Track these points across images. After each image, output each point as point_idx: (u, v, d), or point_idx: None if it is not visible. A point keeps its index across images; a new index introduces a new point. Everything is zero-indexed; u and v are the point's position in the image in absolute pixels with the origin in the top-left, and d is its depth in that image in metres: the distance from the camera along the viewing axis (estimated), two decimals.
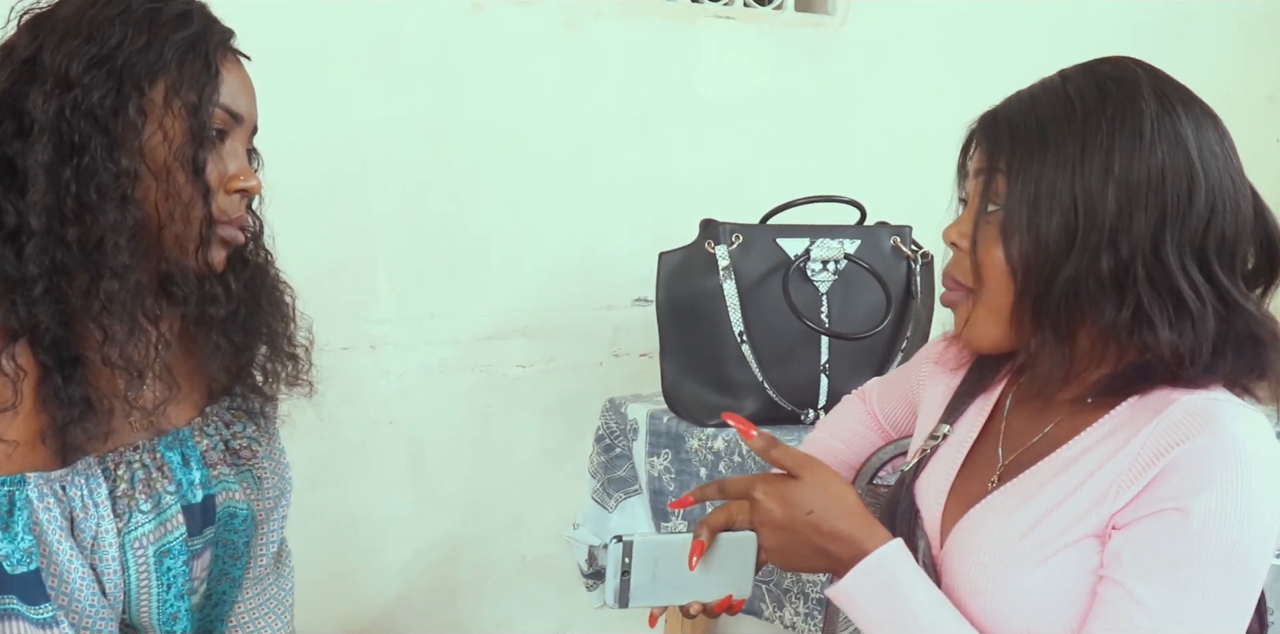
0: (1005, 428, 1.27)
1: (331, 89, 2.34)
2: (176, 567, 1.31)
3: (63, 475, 1.21)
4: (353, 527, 2.50)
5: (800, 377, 2.18)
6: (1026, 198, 1.11)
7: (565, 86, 2.58)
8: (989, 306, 1.17)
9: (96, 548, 1.24)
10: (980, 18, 3.09)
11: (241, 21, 2.19)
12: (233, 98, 1.26)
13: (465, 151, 2.49)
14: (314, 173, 2.34)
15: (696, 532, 1.26)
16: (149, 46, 1.20)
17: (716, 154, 2.78)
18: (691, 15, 2.72)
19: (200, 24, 1.25)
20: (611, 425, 2.41)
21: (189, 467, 1.33)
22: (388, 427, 2.51)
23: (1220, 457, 1.05)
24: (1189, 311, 1.09)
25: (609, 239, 2.66)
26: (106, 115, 1.18)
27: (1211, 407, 1.09)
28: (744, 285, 2.13)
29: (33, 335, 1.18)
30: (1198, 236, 1.10)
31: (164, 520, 1.29)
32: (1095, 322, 1.12)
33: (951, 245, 1.21)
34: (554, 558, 2.71)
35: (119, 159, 1.19)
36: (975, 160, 1.20)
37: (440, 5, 2.42)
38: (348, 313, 2.42)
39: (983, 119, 1.20)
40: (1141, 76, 1.14)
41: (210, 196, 1.23)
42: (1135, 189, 1.08)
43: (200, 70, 1.23)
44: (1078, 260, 1.09)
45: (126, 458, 1.27)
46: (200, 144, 1.22)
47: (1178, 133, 1.10)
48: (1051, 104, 1.14)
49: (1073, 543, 1.11)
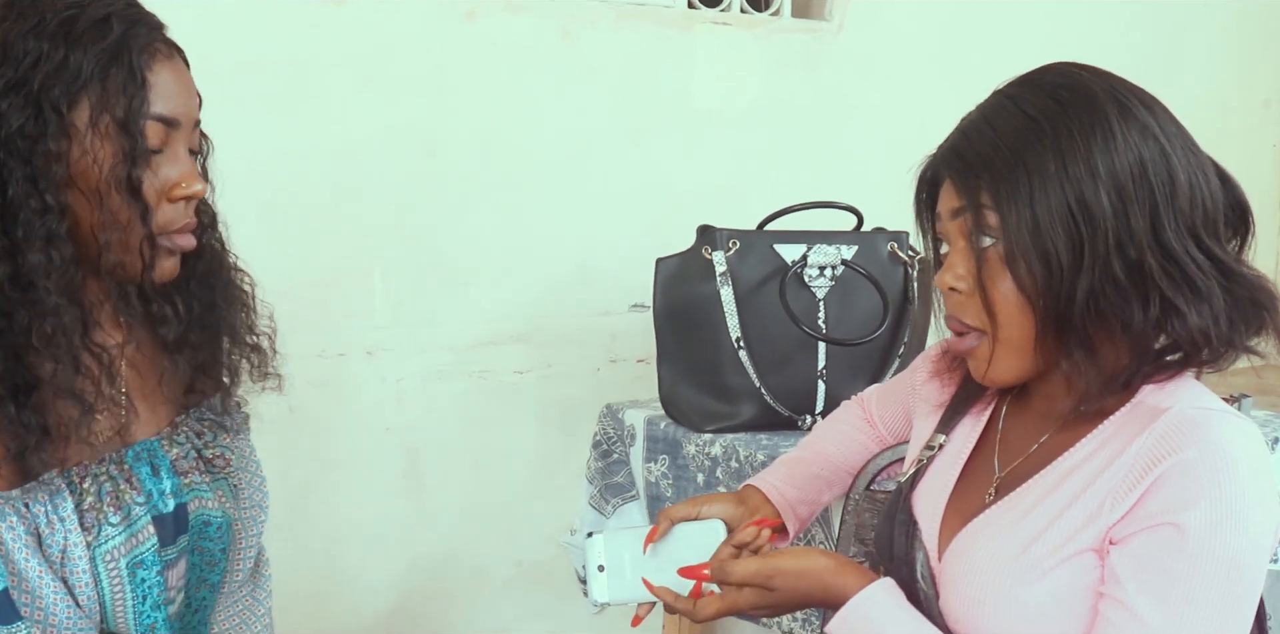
0: (1001, 439, 1.27)
1: (327, 98, 2.34)
2: (151, 577, 1.27)
3: (24, 492, 1.17)
4: (350, 532, 2.50)
5: (797, 382, 2.18)
6: (1025, 223, 1.10)
7: (561, 94, 2.59)
8: (1009, 342, 1.15)
9: (66, 562, 1.20)
10: (977, 24, 3.10)
11: (236, 32, 2.21)
12: (166, 103, 1.18)
13: (461, 159, 2.50)
14: (310, 181, 2.35)
15: (658, 520, 1.36)
16: (66, 63, 1.11)
17: (713, 161, 2.78)
18: (687, 22, 2.73)
19: (121, 27, 1.15)
20: (609, 431, 2.41)
21: (159, 476, 1.29)
22: (384, 433, 2.51)
23: (1209, 469, 1.05)
24: (1200, 291, 1.10)
25: (605, 246, 2.66)
26: (26, 145, 1.11)
27: (1201, 417, 1.09)
28: (741, 291, 2.13)
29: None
30: (1187, 215, 1.10)
31: (135, 532, 1.26)
32: (1124, 327, 1.11)
33: (950, 291, 1.18)
34: (551, 564, 2.72)
35: (43, 193, 1.12)
36: (947, 201, 1.17)
37: (435, 14, 2.43)
38: (344, 320, 2.42)
39: (944, 160, 1.18)
40: (1088, 78, 1.14)
41: (149, 216, 1.17)
42: (1123, 185, 1.09)
43: (125, 81, 1.14)
44: (1091, 271, 1.09)
45: (92, 471, 1.23)
46: (133, 162, 1.14)
47: (1142, 122, 1.11)
48: (1015, 127, 1.12)
49: (1070, 557, 1.11)
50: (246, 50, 2.24)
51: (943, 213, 1.18)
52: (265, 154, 2.29)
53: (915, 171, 1.24)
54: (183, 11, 2.15)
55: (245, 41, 2.24)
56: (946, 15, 3.06)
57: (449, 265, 2.52)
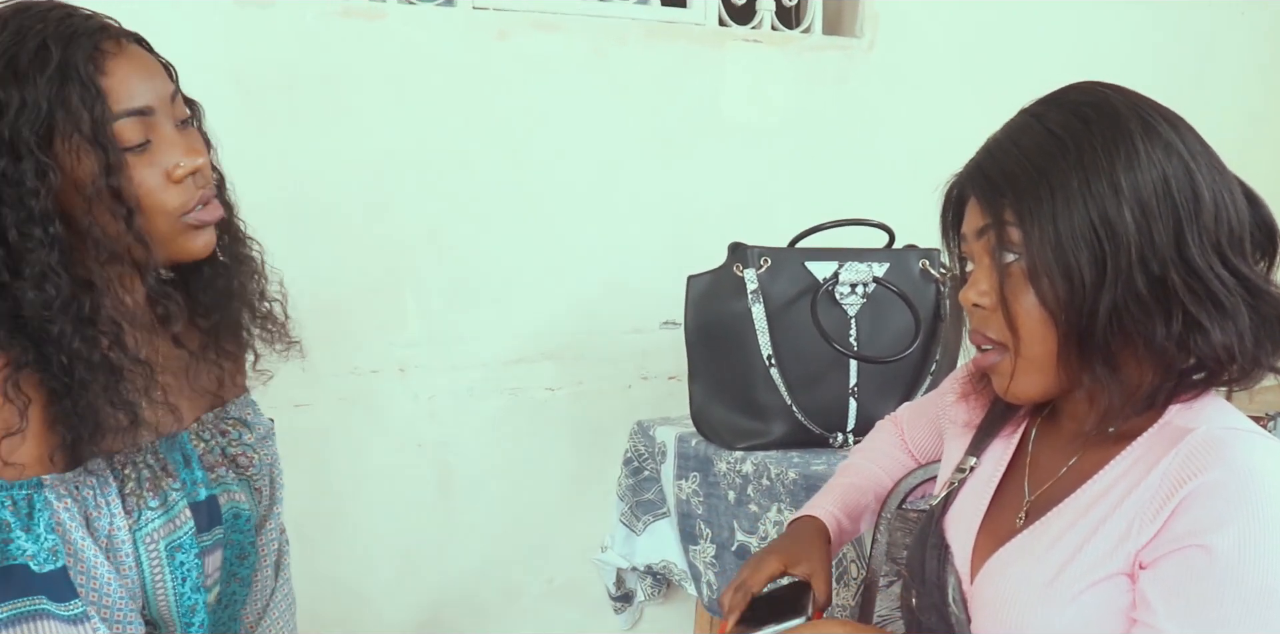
0: (1031, 461, 1.27)
1: (359, 115, 2.36)
2: (189, 560, 1.32)
3: (75, 476, 1.23)
4: (381, 548, 2.51)
5: (829, 400, 2.17)
6: (1048, 239, 1.10)
7: (592, 112, 2.60)
8: (1030, 358, 1.15)
9: (110, 544, 1.25)
10: (1006, 42, 3.09)
11: (269, 49, 2.23)
12: (132, 97, 1.21)
13: (493, 176, 2.51)
14: (343, 198, 2.36)
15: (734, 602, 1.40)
16: (25, 103, 1.15)
17: (744, 177, 2.78)
18: (718, 39, 2.73)
19: (59, 47, 1.17)
20: (640, 448, 2.41)
21: (190, 467, 1.35)
22: (416, 449, 2.51)
23: (1237, 490, 1.05)
24: (1225, 308, 1.09)
25: (636, 262, 2.66)
26: (13, 190, 1.16)
27: (1228, 437, 1.09)
28: (772, 309, 2.13)
29: (39, 365, 1.19)
30: (1212, 233, 1.10)
31: (172, 516, 1.31)
32: (1146, 343, 1.11)
33: (974, 307, 1.19)
34: (583, 581, 2.71)
35: (33, 231, 1.17)
36: (972, 221, 1.18)
37: (467, 33, 2.44)
38: (377, 336, 2.43)
39: (969, 179, 1.18)
40: (1112, 96, 1.14)
41: (132, 219, 1.21)
42: (1147, 202, 1.08)
43: (81, 94, 1.17)
44: (1114, 287, 1.09)
45: (131, 458, 1.28)
46: (110, 171, 1.18)
47: (1166, 140, 1.11)
48: (1039, 145, 1.12)
49: (1100, 581, 1.10)
50: (280, 67, 2.26)
51: (968, 233, 1.19)
52: (298, 170, 2.31)
53: (941, 191, 1.24)
54: (216, 28, 2.19)
55: (278, 59, 2.26)
56: (976, 32, 3.06)
57: (481, 282, 2.52)
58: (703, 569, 2.29)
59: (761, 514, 2.11)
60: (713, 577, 2.26)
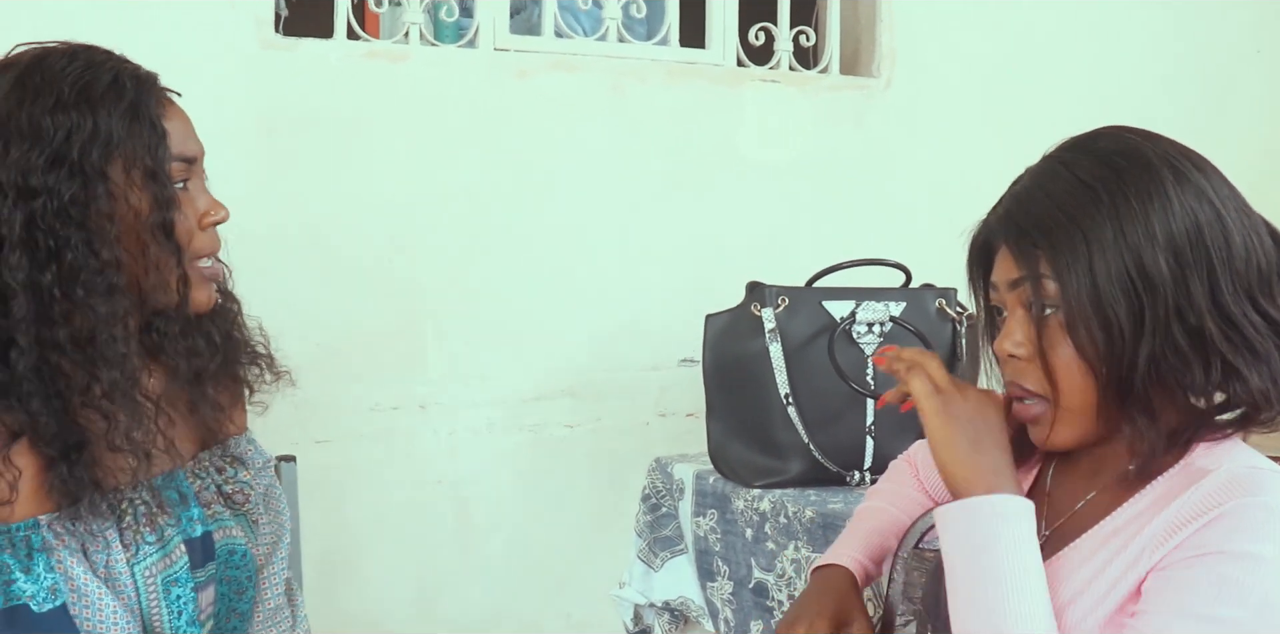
0: (1048, 499, 1.27)
1: (381, 154, 2.39)
2: (185, 594, 1.33)
3: (71, 512, 1.23)
4: (401, 584, 2.52)
5: (846, 439, 2.17)
6: (1085, 291, 1.10)
7: (611, 151, 2.62)
8: (1071, 408, 1.15)
9: (109, 577, 1.26)
10: (1023, 81, 3.11)
11: (292, 89, 2.26)
12: (181, 144, 1.26)
13: (512, 215, 2.53)
14: (363, 237, 2.39)
15: None
16: (97, 128, 1.20)
17: (761, 216, 2.80)
18: (737, 79, 2.76)
19: (132, 84, 1.23)
20: (658, 485, 2.42)
21: (186, 504, 1.35)
22: (436, 486, 2.53)
23: (1265, 512, 1.05)
24: (1259, 353, 1.09)
25: (655, 300, 2.68)
26: (80, 212, 1.19)
27: (1253, 475, 1.09)
28: (790, 348, 2.14)
29: (33, 432, 1.20)
30: (1243, 277, 1.10)
31: (168, 552, 1.32)
32: (1187, 390, 1.11)
33: (1010, 357, 1.18)
34: (601, 617, 2.71)
35: (99, 252, 1.19)
36: (1004, 271, 1.17)
37: (489, 73, 2.47)
38: (397, 374, 2.45)
39: (999, 227, 1.18)
40: (1141, 143, 1.14)
41: (182, 255, 1.25)
42: (1181, 249, 1.09)
43: (148, 133, 1.22)
44: (1152, 337, 1.09)
45: (128, 496, 1.29)
46: (166, 207, 1.23)
47: (1197, 186, 1.11)
48: (1071, 194, 1.12)
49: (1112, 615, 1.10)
50: (302, 107, 2.29)
51: (999, 283, 1.18)
52: (320, 209, 2.33)
53: (967, 236, 1.24)
54: (240, 70, 2.22)
55: (302, 100, 2.29)
56: (993, 72, 3.08)
57: (501, 319, 2.54)
58: (720, 606, 2.28)
59: (779, 552, 2.11)
60: (730, 613, 2.26)
